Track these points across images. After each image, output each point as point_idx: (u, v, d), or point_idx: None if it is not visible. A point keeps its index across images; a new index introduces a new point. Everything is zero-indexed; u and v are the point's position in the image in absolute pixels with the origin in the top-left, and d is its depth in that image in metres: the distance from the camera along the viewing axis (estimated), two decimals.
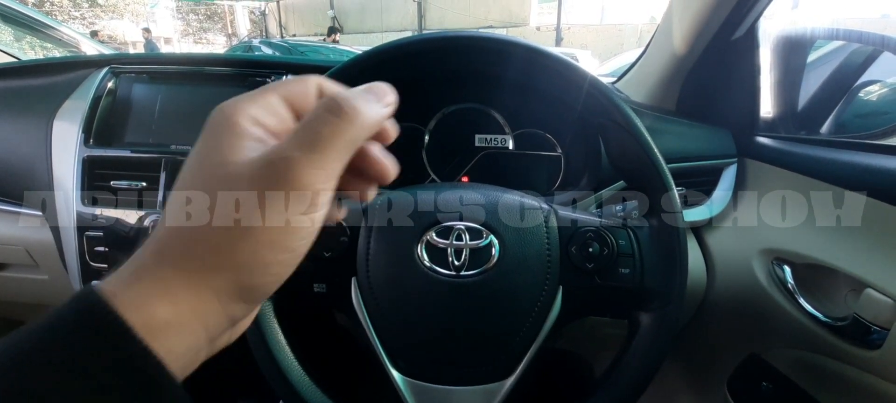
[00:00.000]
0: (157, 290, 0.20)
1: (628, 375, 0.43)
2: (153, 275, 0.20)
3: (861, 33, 0.67)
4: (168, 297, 0.20)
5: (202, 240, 0.20)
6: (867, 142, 0.60)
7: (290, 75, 0.72)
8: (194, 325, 0.20)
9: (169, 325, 0.19)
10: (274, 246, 0.21)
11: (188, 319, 0.20)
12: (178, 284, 0.20)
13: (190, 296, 0.20)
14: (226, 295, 0.21)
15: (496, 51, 0.46)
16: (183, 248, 0.20)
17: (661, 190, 0.43)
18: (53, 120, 0.72)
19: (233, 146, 0.21)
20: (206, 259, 0.20)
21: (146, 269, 0.20)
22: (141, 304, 0.19)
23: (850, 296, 0.52)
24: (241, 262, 0.21)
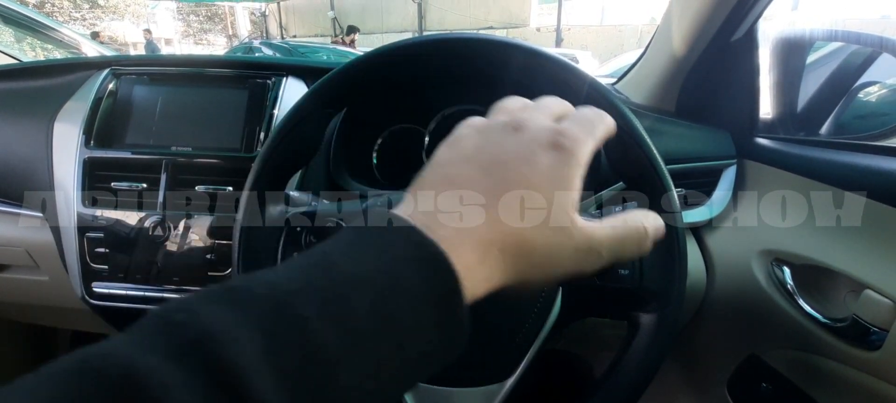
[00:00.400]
0: (485, 280, 0.25)
1: (628, 375, 0.43)
2: (490, 268, 0.25)
3: (860, 34, 0.68)
4: (486, 282, 0.25)
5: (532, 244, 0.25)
6: (866, 143, 0.60)
7: (290, 77, 0.72)
8: (487, 284, 0.25)
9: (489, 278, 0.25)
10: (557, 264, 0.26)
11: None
12: (498, 273, 0.25)
13: (496, 278, 0.25)
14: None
15: (495, 53, 0.46)
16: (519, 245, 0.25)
17: (661, 190, 0.43)
18: (54, 121, 0.72)
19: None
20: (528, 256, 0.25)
21: (487, 257, 0.24)
22: (473, 286, 0.24)
23: (849, 297, 0.52)
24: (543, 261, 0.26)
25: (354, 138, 0.74)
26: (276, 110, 0.69)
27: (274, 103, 0.69)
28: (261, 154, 0.46)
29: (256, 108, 0.69)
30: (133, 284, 0.68)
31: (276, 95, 0.70)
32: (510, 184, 0.25)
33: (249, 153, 0.67)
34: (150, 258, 0.67)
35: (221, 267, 0.67)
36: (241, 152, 0.68)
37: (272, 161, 0.46)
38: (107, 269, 0.68)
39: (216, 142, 0.68)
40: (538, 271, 0.26)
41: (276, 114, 0.69)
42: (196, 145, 0.68)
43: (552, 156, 0.26)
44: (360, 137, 0.75)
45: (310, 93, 0.46)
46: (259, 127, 0.68)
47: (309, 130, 0.48)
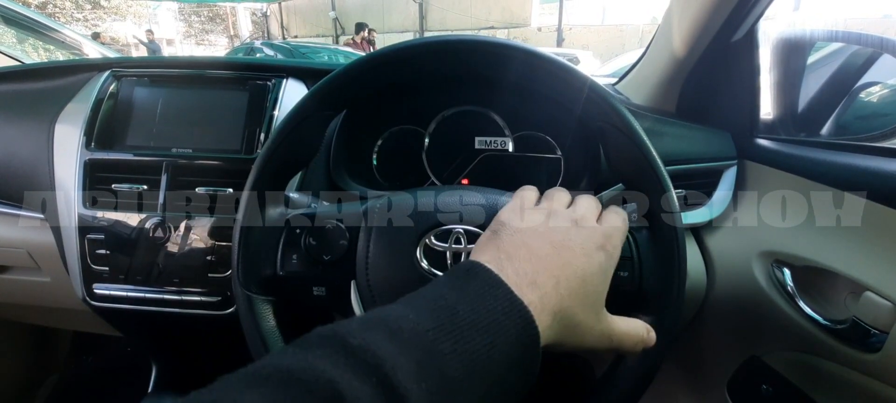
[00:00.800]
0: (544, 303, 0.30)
1: (626, 377, 0.43)
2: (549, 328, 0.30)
3: (860, 35, 0.67)
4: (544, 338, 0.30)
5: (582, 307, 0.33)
6: (867, 144, 0.60)
7: (290, 78, 0.72)
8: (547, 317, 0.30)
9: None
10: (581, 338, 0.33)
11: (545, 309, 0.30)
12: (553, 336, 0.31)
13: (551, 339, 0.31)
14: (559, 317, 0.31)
15: (495, 54, 0.46)
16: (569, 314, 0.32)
17: (660, 191, 0.43)
18: (55, 123, 0.72)
19: None
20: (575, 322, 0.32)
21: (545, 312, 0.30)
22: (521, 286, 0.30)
23: (849, 299, 0.52)
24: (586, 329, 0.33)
25: (354, 140, 0.74)
26: (277, 112, 0.69)
27: (274, 105, 0.69)
28: (261, 155, 0.46)
29: (256, 110, 0.69)
30: (134, 286, 0.68)
31: (276, 97, 0.70)
32: (575, 269, 0.32)
33: (249, 154, 0.67)
34: (150, 259, 0.67)
35: (221, 269, 0.67)
36: (241, 154, 0.68)
37: (272, 162, 0.46)
38: (108, 271, 0.68)
39: (216, 143, 0.68)
40: (572, 341, 0.33)
41: (277, 116, 0.69)
42: (196, 147, 0.68)
43: (601, 256, 0.34)
44: (359, 139, 0.75)
45: (310, 95, 0.46)
46: (259, 128, 0.68)
47: (309, 132, 0.48)
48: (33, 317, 1.00)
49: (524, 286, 0.30)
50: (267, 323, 0.45)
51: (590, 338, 0.33)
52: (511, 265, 0.31)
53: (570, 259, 0.33)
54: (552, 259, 0.32)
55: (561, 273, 0.32)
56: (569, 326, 0.32)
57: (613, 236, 0.36)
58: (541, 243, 0.33)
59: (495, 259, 0.32)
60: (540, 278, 0.31)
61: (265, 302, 0.45)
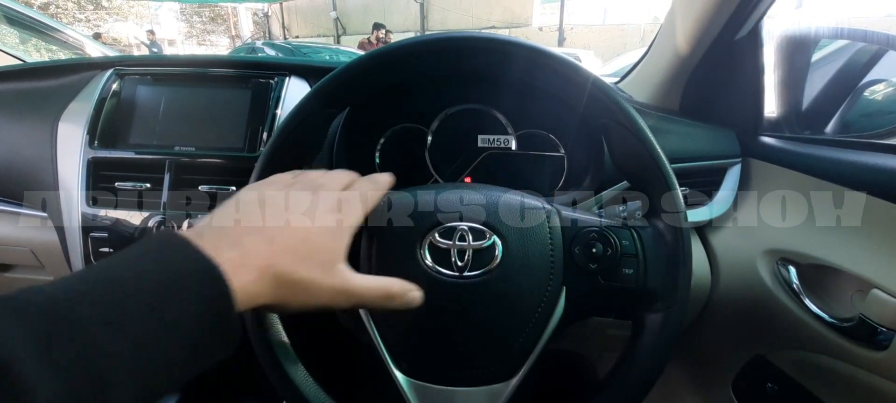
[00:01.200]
0: (246, 259, 0.30)
1: (633, 375, 0.43)
2: (253, 282, 0.30)
3: (866, 32, 0.67)
4: (255, 293, 0.30)
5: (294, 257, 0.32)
6: (872, 141, 0.60)
7: (293, 77, 0.72)
8: (250, 272, 0.30)
9: (259, 295, 0.30)
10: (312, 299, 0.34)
11: (247, 264, 0.30)
12: (264, 288, 0.31)
13: (266, 287, 0.31)
14: (279, 298, 0.32)
15: (498, 51, 0.46)
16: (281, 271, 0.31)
17: (665, 189, 0.43)
18: (58, 121, 0.72)
19: None
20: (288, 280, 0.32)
21: (248, 265, 0.30)
22: (219, 247, 0.29)
23: (856, 297, 0.52)
24: (302, 282, 0.33)
25: (357, 138, 0.74)
26: (279, 110, 0.69)
27: (277, 103, 0.69)
28: (264, 153, 0.46)
29: (259, 108, 0.69)
30: None
31: (278, 95, 0.70)
32: (295, 230, 0.33)
33: (252, 153, 0.67)
34: None
35: None
36: (244, 152, 0.68)
37: (275, 160, 0.46)
38: None
39: (219, 141, 0.68)
40: (298, 299, 0.33)
41: (279, 114, 0.69)
42: (199, 145, 0.68)
43: (330, 218, 0.35)
44: (362, 137, 0.75)
45: (312, 93, 0.46)
46: (262, 126, 0.68)
47: (311, 130, 0.48)
48: None
49: (222, 246, 0.29)
50: (270, 320, 0.45)
51: (321, 295, 0.33)
52: (212, 230, 0.31)
53: (290, 219, 0.34)
54: (269, 220, 0.33)
55: (277, 233, 0.32)
56: (288, 283, 0.32)
57: (351, 201, 0.38)
58: (259, 209, 0.34)
59: (198, 229, 0.31)
60: (247, 238, 0.31)
61: None
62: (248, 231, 0.32)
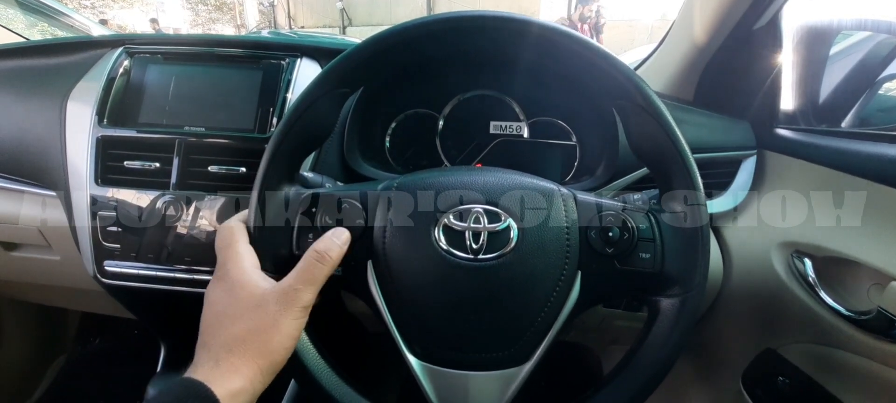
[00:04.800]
0: (233, 372, 0.36)
1: (649, 360, 0.42)
2: (228, 363, 0.37)
3: (891, 23, 0.66)
4: (238, 375, 0.36)
5: (253, 338, 0.38)
6: (891, 133, 0.59)
7: (304, 58, 0.71)
8: (250, 389, 0.37)
9: (241, 391, 0.36)
10: (288, 338, 0.39)
11: (245, 385, 0.37)
12: (244, 366, 0.37)
13: (249, 372, 0.37)
14: (266, 370, 0.38)
15: (514, 31, 0.45)
16: (243, 343, 0.38)
17: (684, 171, 0.42)
18: (67, 100, 0.71)
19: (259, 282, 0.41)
20: (256, 348, 0.38)
21: (222, 359, 0.37)
22: (224, 382, 0.36)
23: (873, 290, 0.51)
24: (273, 349, 0.38)
25: (368, 122, 0.73)
26: (290, 93, 0.68)
27: (287, 84, 0.68)
28: (274, 135, 0.45)
29: (270, 89, 0.68)
30: (145, 264, 0.68)
31: (289, 76, 0.69)
32: (206, 321, 0.40)
33: (263, 133, 0.67)
34: (162, 238, 0.67)
35: None
36: (254, 133, 0.67)
37: (285, 142, 0.45)
38: (119, 248, 0.68)
39: (229, 122, 0.68)
40: (270, 338, 0.38)
41: (290, 96, 0.68)
42: (209, 125, 0.67)
43: (213, 285, 0.42)
44: (374, 121, 0.74)
45: (324, 73, 0.45)
46: (272, 108, 0.67)
47: (323, 111, 0.47)
48: (42, 297, 1.00)
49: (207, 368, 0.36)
50: None
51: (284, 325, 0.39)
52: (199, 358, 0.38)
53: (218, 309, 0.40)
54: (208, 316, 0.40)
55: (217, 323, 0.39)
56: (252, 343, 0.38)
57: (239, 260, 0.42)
58: (205, 307, 0.41)
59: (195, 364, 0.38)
60: (207, 338, 0.39)
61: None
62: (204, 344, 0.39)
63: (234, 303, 0.39)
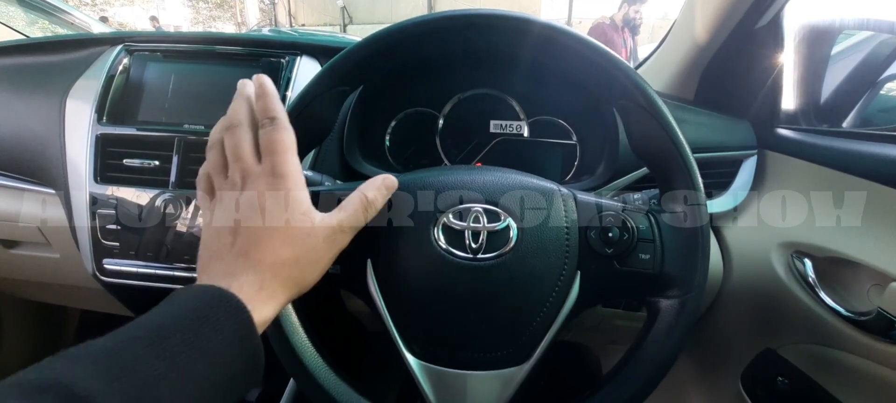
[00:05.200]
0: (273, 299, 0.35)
1: (647, 361, 0.42)
2: (271, 289, 0.35)
3: (893, 23, 0.65)
4: (275, 303, 0.35)
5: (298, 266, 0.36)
6: (892, 133, 0.58)
7: (304, 56, 0.71)
8: (273, 318, 0.36)
9: (269, 320, 0.35)
10: (322, 273, 0.38)
11: (274, 313, 0.35)
12: (282, 294, 0.36)
13: (283, 300, 0.36)
14: (292, 298, 0.37)
15: (515, 29, 0.45)
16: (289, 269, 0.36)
17: (684, 172, 0.42)
18: (67, 97, 0.71)
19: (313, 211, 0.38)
20: (297, 277, 0.36)
21: (267, 283, 0.35)
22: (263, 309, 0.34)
23: (873, 291, 0.51)
24: (308, 281, 0.37)
25: (368, 120, 0.73)
26: (289, 90, 0.68)
27: (287, 83, 0.68)
28: None
29: None
30: (144, 262, 0.68)
31: (289, 74, 0.69)
32: (254, 234, 0.35)
33: None
34: (161, 236, 0.67)
35: None
36: None
37: None
38: (118, 246, 0.68)
39: None
40: (309, 272, 0.37)
41: (289, 94, 0.68)
42: (208, 123, 0.67)
43: (270, 197, 0.36)
44: (373, 119, 0.74)
45: (324, 70, 0.45)
46: None
47: (322, 109, 0.47)
48: (42, 295, 1.00)
49: (239, 273, 0.34)
50: None
51: (323, 252, 0.37)
52: (209, 275, 0.35)
53: (247, 229, 0.36)
54: (234, 246, 0.36)
55: (246, 247, 0.35)
56: (289, 265, 0.36)
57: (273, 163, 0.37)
58: (222, 246, 0.36)
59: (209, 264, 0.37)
60: (254, 251, 0.35)
61: None
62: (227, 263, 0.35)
63: (291, 226, 0.36)
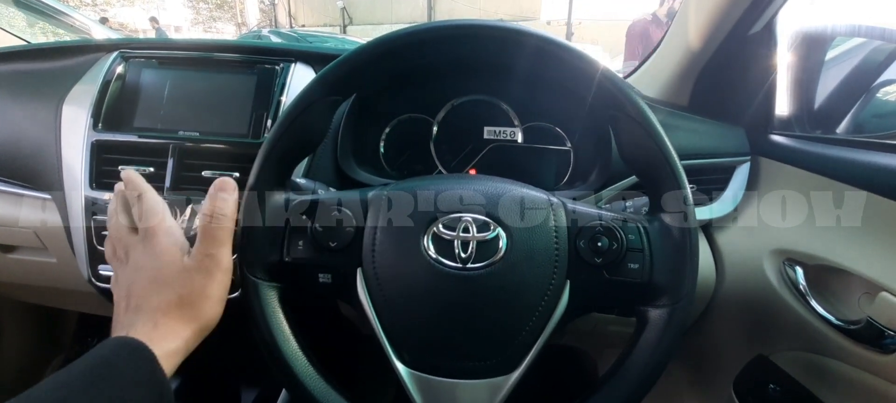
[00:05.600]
0: (171, 334, 0.39)
1: (636, 371, 0.42)
2: (166, 326, 0.39)
3: (885, 30, 0.66)
4: (175, 336, 0.39)
5: (186, 304, 0.40)
6: (885, 141, 0.59)
7: (298, 63, 0.71)
8: (184, 349, 0.40)
9: (176, 351, 0.39)
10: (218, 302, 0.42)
11: (180, 345, 0.39)
12: (181, 328, 0.40)
13: (185, 333, 0.40)
14: (199, 332, 0.41)
15: (506, 40, 0.45)
16: (178, 308, 0.40)
17: (673, 184, 0.42)
18: (63, 104, 0.72)
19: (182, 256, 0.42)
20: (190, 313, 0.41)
21: (160, 322, 0.39)
22: (163, 343, 0.38)
23: (863, 299, 0.51)
24: (205, 314, 0.41)
25: (362, 127, 0.73)
26: (284, 97, 0.68)
27: (282, 89, 0.69)
28: (267, 140, 0.45)
29: (264, 94, 0.69)
30: None
31: (284, 81, 0.69)
32: (139, 289, 0.41)
33: (256, 139, 0.67)
34: None
35: None
36: (248, 138, 0.67)
37: (278, 147, 0.45)
38: None
39: (223, 127, 0.68)
40: (203, 307, 0.41)
41: (284, 101, 0.68)
42: (203, 130, 0.68)
43: (145, 255, 0.42)
44: (367, 126, 0.74)
45: (317, 79, 0.45)
46: (266, 113, 0.68)
47: (316, 117, 0.47)
48: (39, 298, 1.01)
49: (138, 325, 0.39)
50: (272, 309, 0.44)
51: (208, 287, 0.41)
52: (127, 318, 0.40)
53: (150, 275, 0.41)
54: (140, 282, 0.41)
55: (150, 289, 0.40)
56: (184, 308, 0.40)
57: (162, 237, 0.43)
58: (132, 274, 0.42)
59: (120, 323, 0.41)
60: (141, 302, 0.40)
61: (271, 287, 0.45)
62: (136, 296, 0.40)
63: (163, 272, 0.41)
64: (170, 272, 0.41)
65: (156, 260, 0.41)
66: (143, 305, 0.40)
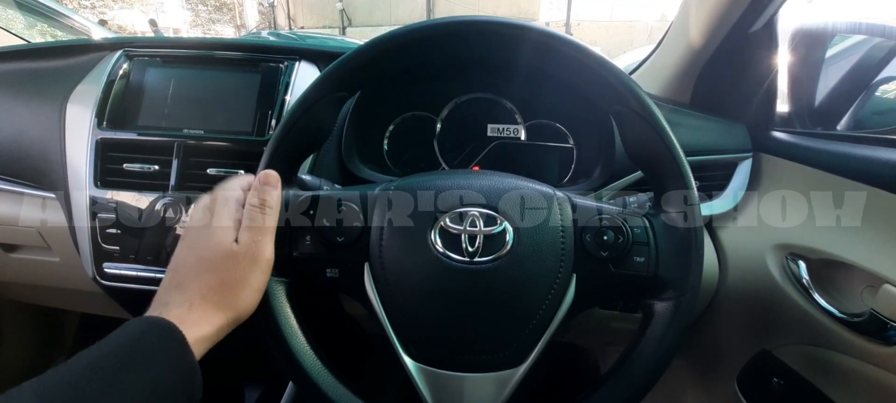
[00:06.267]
0: (205, 320, 0.38)
1: (642, 363, 0.42)
2: (202, 310, 0.38)
3: (885, 27, 0.66)
4: (208, 323, 0.38)
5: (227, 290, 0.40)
6: (887, 136, 0.59)
7: (303, 61, 0.72)
8: (214, 337, 0.39)
9: (206, 338, 0.38)
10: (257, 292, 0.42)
11: (211, 333, 0.38)
12: (215, 315, 0.39)
13: (217, 321, 0.39)
14: (232, 321, 0.40)
15: (511, 36, 0.45)
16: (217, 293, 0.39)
17: (678, 178, 0.43)
18: (67, 103, 0.72)
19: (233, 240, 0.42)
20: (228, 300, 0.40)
21: (196, 305, 0.38)
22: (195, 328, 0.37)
23: (866, 292, 0.52)
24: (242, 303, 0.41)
25: (366, 125, 0.73)
26: (288, 95, 0.69)
27: (286, 87, 0.69)
28: (272, 138, 0.46)
29: (268, 92, 0.69)
30: (144, 266, 0.68)
31: (288, 79, 0.69)
32: (183, 266, 0.41)
33: (261, 136, 0.67)
34: (160, 240, 0.67)
35: None
36: (252, 136, 0.67)
37: (283, 145, 0.46)
38: (118, 250, 0.68)
39: (228, 125, 0.68)
40: (240, 295, 0.40)
41: (288, 99, 0.68)
42: (208, 128, 0.68)
43: (199, 234, 0.42)
44: (371, 124, 0.74)
45: (322, 77, 0.46)
46: (271, 111, 0.68)
47: (321, 115, 0.47)
48: (42, 298, 1.01)
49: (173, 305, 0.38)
50: (280, 303, 0.45)
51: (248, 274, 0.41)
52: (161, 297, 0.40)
53: (199, 255, 0.41)
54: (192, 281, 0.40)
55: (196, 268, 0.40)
56: (224, 294, 0.39)
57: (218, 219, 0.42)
58: (184, 251, 0.42)
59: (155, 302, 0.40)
60: (184, 281, 0.39)
61: (278, 282, 0.45)
62: (181, 276, 0.40)
63: (213, 253, 0.40)
64: (217, 254, 0.40)
65: (208, 239, 0.41)
66: (184, 283, 0.39)
